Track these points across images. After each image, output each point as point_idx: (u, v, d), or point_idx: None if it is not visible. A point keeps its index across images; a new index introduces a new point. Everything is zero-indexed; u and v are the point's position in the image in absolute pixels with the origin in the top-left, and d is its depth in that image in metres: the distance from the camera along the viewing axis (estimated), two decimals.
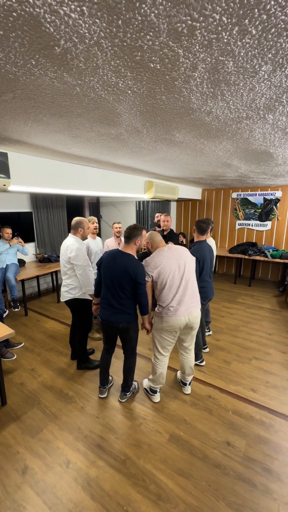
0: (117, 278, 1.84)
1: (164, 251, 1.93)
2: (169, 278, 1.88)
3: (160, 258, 1.90)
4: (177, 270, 1.89)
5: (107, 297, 1.93)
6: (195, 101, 1.15)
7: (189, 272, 1.94)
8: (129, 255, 1.88)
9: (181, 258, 1.92)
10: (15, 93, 1.09)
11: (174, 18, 0.64)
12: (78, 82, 0.98)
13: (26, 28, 0.68)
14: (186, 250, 2.01)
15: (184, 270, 1.91)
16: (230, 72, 0.91)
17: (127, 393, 2.16)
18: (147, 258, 1.96)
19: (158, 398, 2.18)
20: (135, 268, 1.81)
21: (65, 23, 0.66)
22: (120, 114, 1.34)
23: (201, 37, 0.71)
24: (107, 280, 1.89)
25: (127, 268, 1.81)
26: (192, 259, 2.01)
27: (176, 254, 1.93)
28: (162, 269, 1.87)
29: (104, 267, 1.92)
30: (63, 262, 2.35)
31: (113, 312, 1.92)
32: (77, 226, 2.33)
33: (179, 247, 1.99)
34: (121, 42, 0.74)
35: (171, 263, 1.89)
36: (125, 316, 1.92)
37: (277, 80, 0.96)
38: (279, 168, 3.10)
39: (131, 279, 1.81)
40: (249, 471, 1.61)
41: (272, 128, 1.55)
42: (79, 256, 2.23)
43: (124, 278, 1.82)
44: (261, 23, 0.66)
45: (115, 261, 1.86)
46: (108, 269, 1.88)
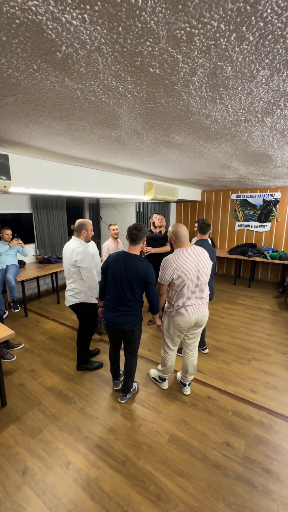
0: (128, 280, 1.83)
1: (189, 253, 1.89)
2: (188, 281, 1.88)
3: (182, 260, 1.86)
4: (195, 274, 1.89)
5: (114, 300, 1.92)
6: (194, 104, 1.17)
7: (205, 275, 1.95)
8: (138, 256, 1.89)
9: (201, 261, 1.92)
10: (17, 97, 1.11)
11: (173, 25, 0.66)
12: (79, 86, 1.00)
13: (28, 35, 0.70)
14: (206, 253, 2.01)
15: (201, 275, 1.91)
16: (229, 77, 0.92)
17: (127, 394, 2.17)
18: (168, 257, 1.91)
19: (167, 385, 2.30)
20: (146, 269, 1.83)
21: (66, 30, 0.68)
22: (120, 117, 1.35)
23: (199, 43, 0.73)
24: (116, 282, 1.88)
25: (137, 269, 1.81)
26: (210, 263, 2.01)
27: (198, 258, 1.91)
28: (183, 272, 1.85)
29: (112, 269, 1.90)
30: (67, 265, 2.29)
31: (119, 314, 1.91)
32: (80, 229, 2.30)
33: (201, 250, 1.98)
34: (121, 48, 0.75)
35: (192, 267, 1.87)
36: (132, 318, 1.92)
37: (275, 85, 0.98)
38: (278, 170, 3.12)
39: (142, 280, 1.82)
40: (248, 472, 1.61)
41: (270, 131, 1.57)
42: (86, 259, 2.20)
43: (135, 279, 1.82)
44: (258, 30, 0.67)
45: (124, 263, 1.86)
46: (117, 271, 1.87)
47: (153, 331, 3.37)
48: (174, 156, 2.31)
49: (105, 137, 1.73)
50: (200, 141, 1.80)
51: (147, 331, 3.35)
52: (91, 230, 2.37)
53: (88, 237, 2.35)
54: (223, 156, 2.28)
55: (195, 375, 2.51)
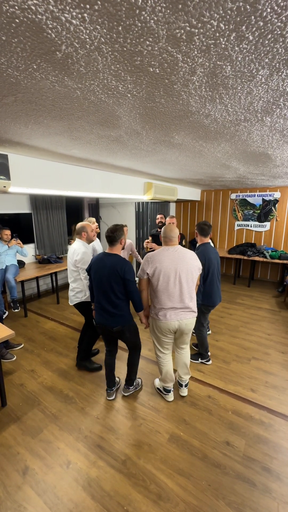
0: (107, 279, 1.85)
1: (168, 251, 1.90)
2: (163, 279, 1.86)
3: (160, 256, 1.89)
4: (172, 272, 1.85)
5: (100, 301, 1.94)
6: (193, 104, 1.17)
7: (185, 277, 1.88)
8: (115, 255, 1.91)
9: (183, 261, 1.87)
10: (17, 97, 1.11)
11: (173, 24, 0.66)
12: (79, 85, 1.00)
13: (28, 34, 0.70)
14: (194, 256, 1.96)
15: (181, 275, 1.86)
16: (228, 76, 0.92)
17: (130, 386, 2.18)
18: (148, 254, 1.97)
19: (172, 397, 2.17)
20: (123, 265, 1.84)
21: (66, 29, 0.68)
22: (119, 117, 1.35)
23: (199, 42, 0.73)
24: (98, 284, 1.90)
25: (115, 267, 1.83)
26: (195, 266, 1.94)
27: (178, 257, 1.88)
28: (157, 267, 1.86)
29: (93, 271, 1.93)
30: (70, 265, 2.39)
31: (107, 316, 1.93)
32: (80, 231, 2.41)
33: (185, 251, 1.94)
34: (121, 47, 0.75)
35: (169, 263, 1.86)
36: (118, 319, 1.93)
37: (274, 84, 0.98)
38: (277, 170, 3.12)
39: (120, 277, 1.83)
40: (248, 471, 1.62)
41: (270, 130, 1.57)
42: (84, 260, 2.27)
43: (114, 277, 1.83)
44: (257, 29, 0.67)
45: (103, 263, 1.88)
46: (98, 272, 1.89)
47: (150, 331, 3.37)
48: (174, 155, 2.31)
49: (105, 137, 1.73)
50: (200, 140, 1.80)
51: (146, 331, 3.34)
52: (91, 231, 2.45)
53: (89, 238, 2.44)
54: (222, 155, 2.29)
55: (195, 375, 2.51)
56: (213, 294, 2.48)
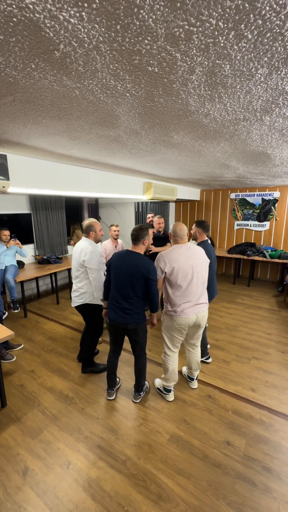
0: (129, 277, 1.85)
1: (182, 249, 1.94)
2: (181, 277, 1.90)
3: (176, 255, 1.91)
4: (189, 269, 1.91)
5: (116, 298, 1.93)
6: (192, 103, 1.17)
7: (201, 273, 1.97)
8: (139, 254, 1.92)
9: (196, 258, 1.95)
10: (15, 96, 1.10)
11: (171, 23, 0.65)
12: (77, 85, 1.00)
13: (26, 33, 0.69)
14: (202, 251, 2.04)
15: (196, 271, 1.94)
16: (227, 75, 0.92)
17: (141, 393, 2.17)
18: (162, 253, 1.97)
19: (172, 397, 2.20)
20: (147, 265, 1.84)
21: (64, 28, 0.67)
22: (118, 117, 1.35)
23: (198, 41, 0.73)
24: (117, 280, 1.90)
25: (138, 265, 1.83)
26: (206, 261, 2.03)
27: (192, 254, 1.94)
28: (176, 266, 1.89)
29: (114, 267, 1.93)
30: (76, 265, 2.29)
31: (122, 313, 1.92)
32: (88, 230, 2.31)
33: (196, 247, 2.01)
34: (119, 46, 0.75)
35: (186, 262, 1.91)
36: (135, 317, 1.92)
37: (273, 83, 0.98)
38: (277, 169, 3.12)
39: (143, 277, 1.83)
40: (249, 471, 1.61)
41: (269, 130, 1.57)
42: (93, 260, 2.20)
43: (136, 276, 1.83)
44: (256, 28, 0.67)
45: (126, 260, 1.88)
46: (119, 268, 1.89)
47: (153, 331, 3.37)
48: (173, 155, 2.31)
49: (104, 137, 1.73)
50: (199, 140, 1.79)
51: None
52: (99, 230, 2.35)
53: (97, 238, 2.34)
54: (222, 155, 2.29)
55: None
56: (211, 288, 2.52)
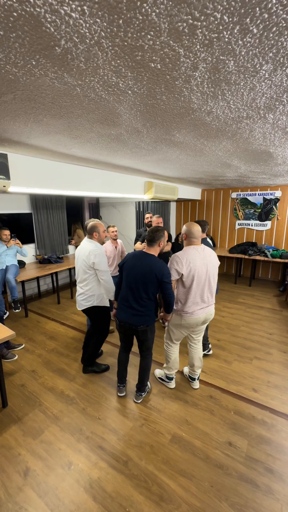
0: (142, 278, 1.83)
1: (198, 251, 1.94)
2: (196, 278, 1.91)
3: (193, 256, 1.91)
4: (204, 272, 1.93)
5: (127, 298, 1.92)
6: (195, 101, 1.15)
7: (214, 274, 2.00)
8: (153, 256, 1.90)
9: (210, 261, 1.97)
10: (16, 94, 1.09)
11: (175, 17, 0.64)
12: (79, 82, 0.98)
13: (26, 29, 0.68)
14: (214, 253, 2.06)
15: (210, 274, 1.96)
16: (231, 72, 0.90)
17: (142, 393, 2.17)
18: (178, 253, 1.95)
19: (174, 384, 2.30)
20: (162, 268, 1.82)
21: (65, 23, 0.66)
22: (120, 115, 1.34)
23: (202, 36, 0.71)
24: (130, 281, 1.89)
25: (153, 268, 1.81)
26: (217, 262, 2.05)
27: (207, 256, 1.96)
28: (192, 268, 1.89)
29: (127, 268, 1.92)
30: (83, 268, 2.22)
31: (132, 314, 1.91)
32: (92, 231, 2.25)
33: (210, 250, 2.02)
34: (121, 42, 0.74)
35: (201, 264, 1.92)
36: (145, 318, 1.92)
37: (278, 80, 0.96)
38: (279, 168, 3.10)
39: (157, 279, 1.81)
40: (251, 472, 1.60)
41: (272, 128, 1.55)
42: (103, 262, 2.17)
43: (150, 278, 1.82)
44: (262, 22, 0.65)
45: (140, 261, 1.87)
46: (132, 269, 1.88)
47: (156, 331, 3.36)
48: (175, 154, 2.29)
49: (105, 135, 1.71)
50: (201, 138, 1.78)
51: None
52: (103, 232, 2.29)
53: (101, 239, 2.29)
54: (223, 154, 2.27)
55: None
56: None
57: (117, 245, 3.39)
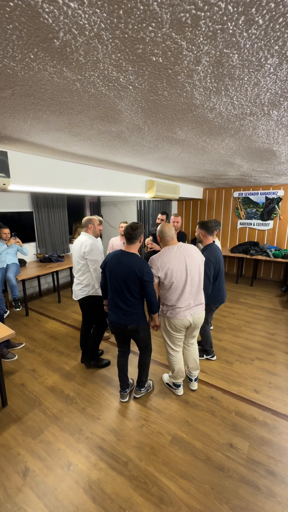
0: (123, 279, 1.81)
1: (173, 251, 1.89)
2: (176, 279, 1.86)
3: (167, 258, 1.87)
4: (184, 271, 1.87)
5: (114, 299, 1.90)
6: (198, 96, 1.13)
7: (196, 273, 1.91)
8: (133, 254, 1.86)
9: (189, 258, 1.89)
10: (14, 90, 1.07)
11: (177, 7, 0.61)
12: (78, 77, 0.96)
13: (23, 20, 0.66)
14: (196, 250, 1.97)
15: (191, 271, 1.88)
16: (235, 66, 0.88)
17: (142, 388, 2.16)
18: (153, 257, 1.93)
19: (182, 391, 2.24)
20: (141, 266, 1.79)
21: (64, 14, 0.64)
22: (121, 111, 1.31)
23: (205, 27, 0.68)
24: (113, 282, 1.86)
25: (132, 267, 1.78)
26: (201, 260, 1.98)
27: (184, 253, 1.89)
28: (169, 270, 1.85)
29: (108, 269, 1.89)
30: (76, 259, 2.35)
31: (122, 314, 1.89)
32: (87, 224, 2.40)
33: (189, 246, 1.95)
34: (122, 34, 0.71)
35: (179, 263, 1.86)
36: (133, 318, 1.89)
37: (283, 74, 0.93)
38: (282, 167, 3.06)
39: (138, 278, 1.79)
40: (252, 474, 1.58)
41: (276, 125, 1.52)
42: (94, 251, 2.26)
43: (130, 277, 1.79)
44: (268, 12, 0.63)
45: (119, 262, 1.84)
46: (113, 270, 1.85)
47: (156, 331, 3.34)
48: (176, 152, 2.26)
49: (106, 133, 1.69)
50: (203, 136, 1.75)
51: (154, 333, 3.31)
52: (98, 225, 2.43)
53: (95, 231, 2.43)
54: (226, 152, 2.24)
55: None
56: (221, 292, 2.50)
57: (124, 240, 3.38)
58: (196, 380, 2.29)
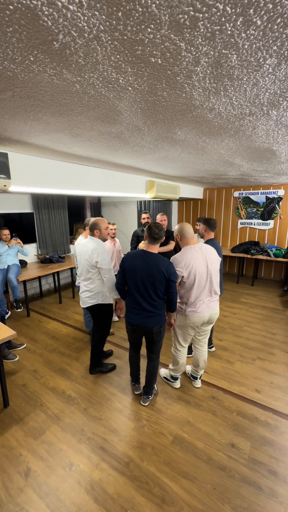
0: (149, 278, 1.79)
1: (196, 250, 1.91)
2: (198, 278, 1.90)
3: (190, 257, 1.89)
4: (205, 270, 1.91)
5: (137, 301, 1.86)
6: (197, 97, 1.13)
7: (215, 270, 1.97)
8: (157, 254, 1.85)
9: (210, 257, 1.94)
10: (14, 91, 1.08)
11: (176, 9, 0.62)
12: (78, 79, 0.96)
13: (23, 22, 0.66)
14: (214, 250, 2.02)
15: (211, 270, 1.93)
16: (234, 66, 0.88)
17: (150, 396, 2.14)
18: (176, 256, 1.93)
19: (179, 384, 2.29)
20: (168, 266, 1.80)
21: (63, 16, 0.64)
22: (120, 112, 1.32)
23: (204, 29, 0.69)
24: (137, 283, 1.82)
25: (160, 267, 1.77)
26: (218, 259, 2.02)
27: (205, 253, 1.93)
28: (192, 268, 1.87)
29: (130, 269, 1.84)
30: (86, 267, 2.20)
31: (146, 316, 1.87)
32: (93, 228, 2.21)
33: (208, 246, 1.99)
34: (121, 35, 0.72)
35: (201, 263, 1.89)
36: (158, 319, 1.89)
37: (282, 74, 0.94)
38: (282, 166, 3.06)
39: (165, 279, 1.78)
40: (254, 474, 1.58)
41: (275, 125, 1.52)
42: (106, 260, 2.14)
43: (157, 277, 1.78)
44: (266, 13, 0.63)
45: (144, 262, 1.81)
46: (137, 271, 1.81)
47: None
48: (176, 152, 2.27)
49: (106, 134, 1.70)
50: (203, 136, 1.75)
51: None
52: (105, 229, 2.25)
53: (102, 236, 2.25)
54: (226, 152, 2.24)
55: None
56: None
57: (115, 242, 3.37)
58: (200, 378, 2.32)
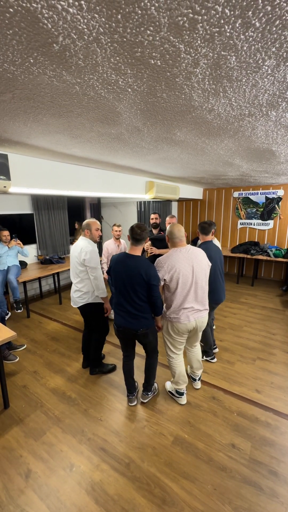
0: (130, 282, 1.78)
1: (181, 253, 1.86)
2: (181, 283, 1.84)
3: (174, 259, 1.84)
4: (190, 274, 1.85)
5: (121, 303, 1.87)
6: (196, 98, 1.13)
7: (201, 276, 1.90)
8: (139, 257, 1.83)
9: (196, 262, 1.87)
10: (14, 93, 1.08)
11: (175, 11, 0.62)
12: (77, 80, 0.97)
13: (23, 25, 0.67)
14: (203, 253, 1.96)
15: (197, 275, 1.87)
16: (233, 68, 0.88)
17: (149, 392, 2.14)
18: (160, 258, 1.90)
19: (185, 400, 2.14)
20: (148, 270, 1.76)
21: (63, 19, 0.64)
22: (120, 113, 1.32)
23: (203, 31, 0.69)
24: (120, 286, 1.83)
25: (139, 271, 1.75)
26: (207, 264, 1.96)
27: (192, 257, 1.87)
28: (175, 272, 1.82)
29: (114, 273, 1.85)
30: (75, 264, 2.25)
31: (131, 318, 1.86)
32: (84, 228, 2.29)
33: (197, 250, 1.94)
34: (120, 38, 0.72)
35: (186, 267, 1.83)
36: (143, 321, 1.87)
37: (281, 75, 0.94)
38: (281, 166, 3.07)
39: (144, 282, 1.76)
40: (255, 474, 1.58)
41: (275, 125, 1.53)
42: (94, 259, 2.17)
43: (138, 281, 1.76)
44: (265, 15, 0.63)
45: (126, 265, 1.80)
46: (119, 274, 1.81)
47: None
48: (176, 153, 2.27)
49: (105, 135, 1.70)
50: (202, 137, 1.76)
51: None
52: (95, 230, 2.29)
53: (92, 237, 2.29)
54: (225, 152, 2.24)
55: None
56: (217, 291, 2.49)
57: (119, 244, 3.37)
58: (199, 379, 2.30)
